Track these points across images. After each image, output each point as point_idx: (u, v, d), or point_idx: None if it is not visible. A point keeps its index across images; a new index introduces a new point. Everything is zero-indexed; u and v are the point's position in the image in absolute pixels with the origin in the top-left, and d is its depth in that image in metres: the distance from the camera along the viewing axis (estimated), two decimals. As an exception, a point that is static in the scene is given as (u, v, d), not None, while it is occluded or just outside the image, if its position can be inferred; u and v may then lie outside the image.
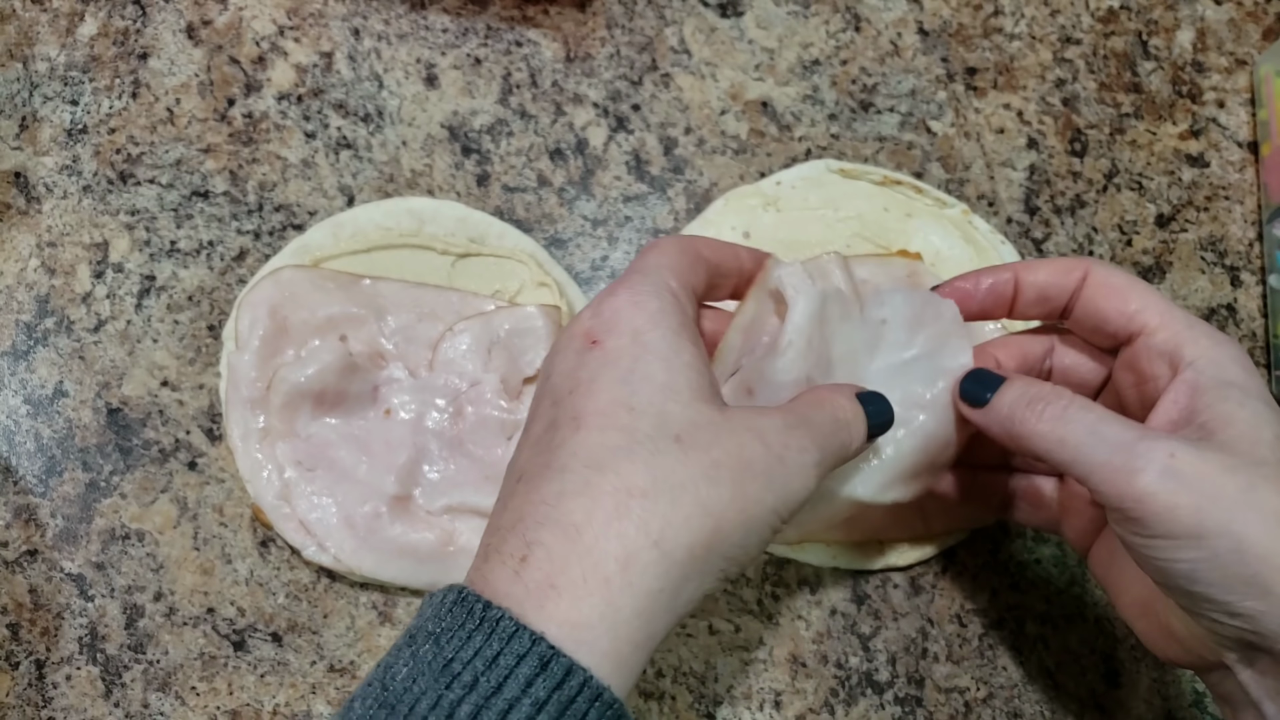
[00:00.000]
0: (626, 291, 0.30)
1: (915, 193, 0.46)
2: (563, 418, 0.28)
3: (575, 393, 0.28)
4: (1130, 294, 0.32)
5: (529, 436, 0.30)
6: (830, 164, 0.46)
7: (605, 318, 0.29)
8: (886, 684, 0.41)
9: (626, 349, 0.28)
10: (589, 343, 0.29)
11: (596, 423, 0.27)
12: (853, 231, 0.45)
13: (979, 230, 0.45)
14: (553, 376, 0.30)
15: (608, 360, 0.28)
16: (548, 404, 0.29)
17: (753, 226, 0.45)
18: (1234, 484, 0.27)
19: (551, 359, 0.31)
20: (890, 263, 0.44)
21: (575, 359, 0.29)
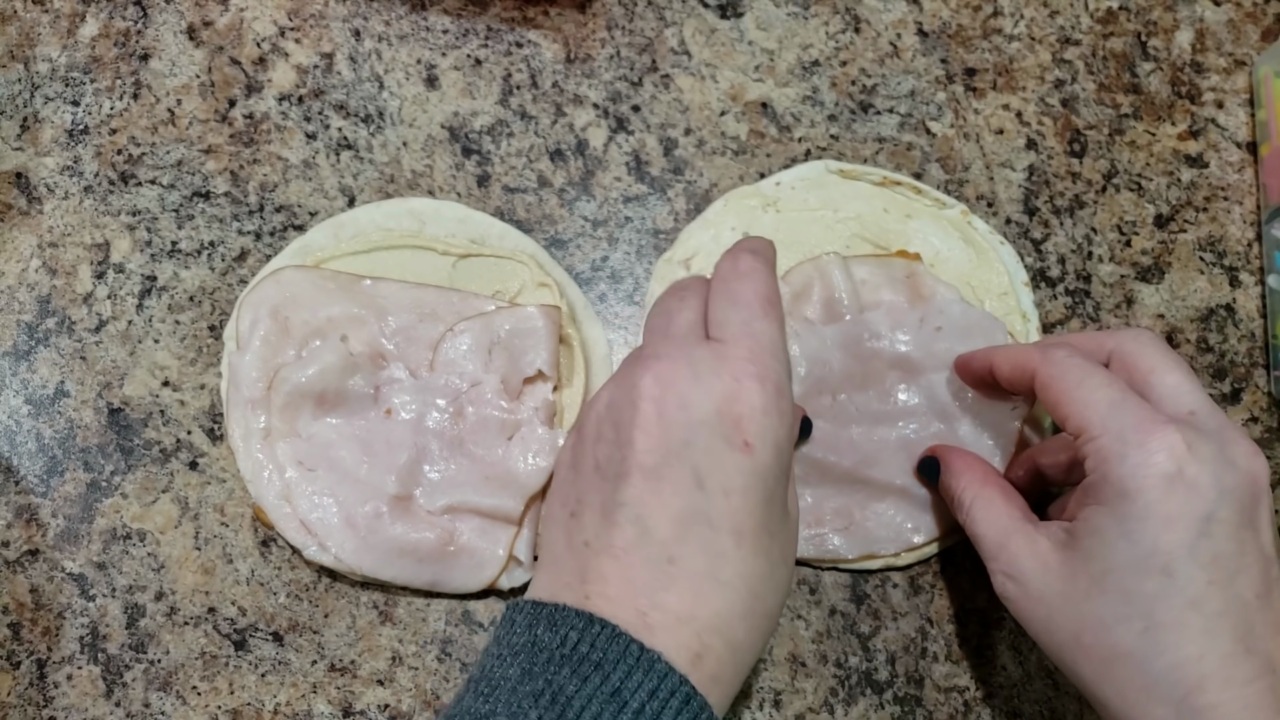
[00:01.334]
0: (772, 400, 0.31)
1: (914, 193, 0.46)
2: (719, 520, 0.30)
3: (730, 496, 0.31)
4: (1074, 397, 0.33)
5: (663, 490, 0.31)
6: (830, 165, 0.46)
7: (752, 422, 0.31)
8: (886, 683, 0.41)
9: (771, 467, 0.31)
10: (742, 443, 0.31)
11: (751, 545, 0.31)
12: (852, 232, 0.45)
13: (978, 231, 0.45)
14: (695, 448, 0.31)
15: (757, 473, 0.31)
16: (689, 476, 0.31)
17: (752, 227, 0.45)
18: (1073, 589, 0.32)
19: (690, 419, 0.31)
20: (889, 263, 0.44)
21: (726, 451, 0.31)
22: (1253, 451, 0.31)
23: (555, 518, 0.33)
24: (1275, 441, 0.45)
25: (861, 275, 0.44)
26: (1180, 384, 0.33)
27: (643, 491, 0.31)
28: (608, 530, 0.31)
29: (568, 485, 0.34)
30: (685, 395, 0.31)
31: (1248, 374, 0.45)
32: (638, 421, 0.31)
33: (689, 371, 0.31)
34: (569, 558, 0.32)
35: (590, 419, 0.33)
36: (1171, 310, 0.46)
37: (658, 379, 0.31)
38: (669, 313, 0.34)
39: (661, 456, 0.31)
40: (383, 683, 0.41)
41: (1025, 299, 0.45)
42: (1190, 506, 0.30)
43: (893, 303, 0.43)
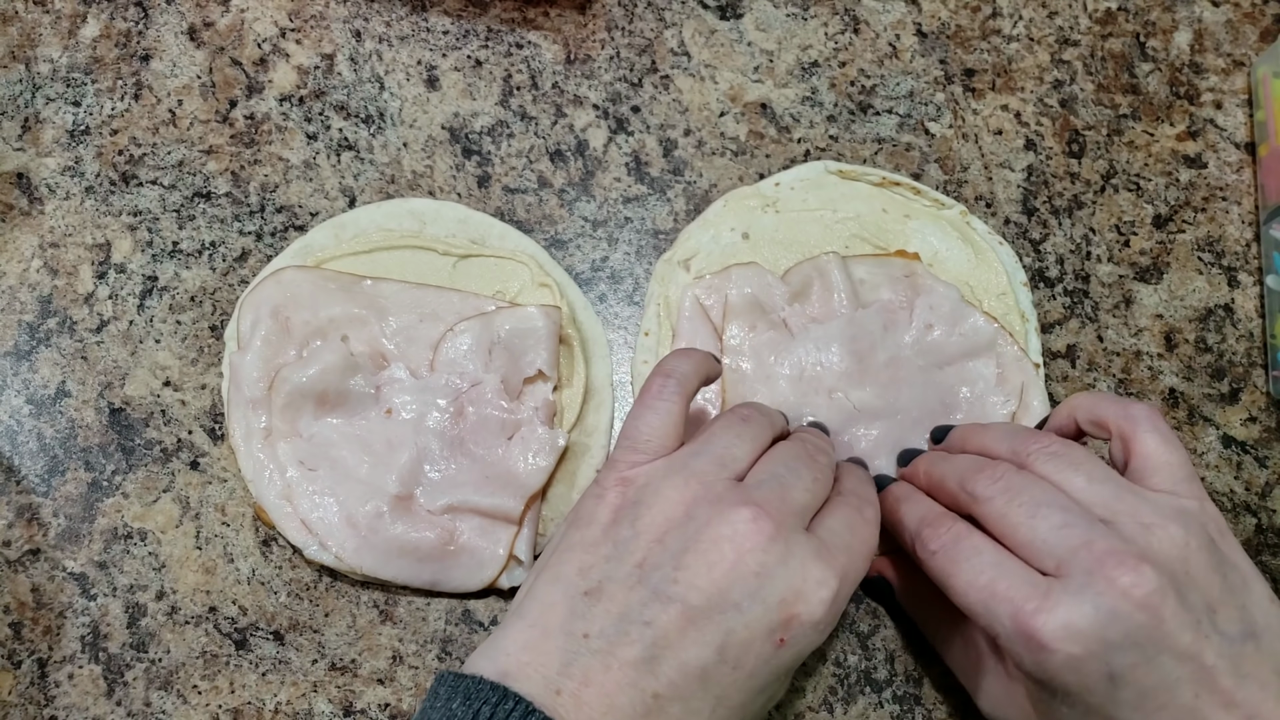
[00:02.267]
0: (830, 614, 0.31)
1: (913, 194, 0.46)
2: (714, 683, 0.30)
3: (737, 671, 0.31)
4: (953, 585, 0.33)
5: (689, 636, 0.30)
6: (829, 165, 0.46)
7: (803, 628, 0.31)
8: (885, 682, 0.42)
9: (787, 664, 0.31)
10: (779, 640, 0.31)
11: (723, 715, 0.31)
12: (851, 233, 0.46)
13: (977, 231, 0.45)
14: (740, 618, 0.30)
15: (772, 666, 0.31)
16: (718, 639, 0.30)
17: (752, 228, 0.45)
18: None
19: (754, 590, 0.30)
20: (888, 262, 0.44)
21: (762, 637, 0.30)
22: (1129, 583, 0.30)
23: (565, 581, 0.32)
24: (1275, 441, 0.45)
25: (860, 274, 0.44)
26: (1031, 539, 0.32)
27: (672, 624, 0.30)
28: (618, 638, 0.30)
29: (597, 555, 0.32)
30: (767, 565, 0.30)
31: (1246, 374, 0.45)
32: (710, 556, 0.30)
33: (783, 549, 0.31)
34: (561, 638, 0.30)
35: (660, 504, 0.32)
36: (1170, 310, 0.46)
37: (755, 529, 0.31)
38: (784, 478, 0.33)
39: (709, 602, 0.30)
40: (383, 682, 0.41)
41: (1024, 299, 0.45)
42: (1094, 675, 0.31)
43: (890, 301, 0.43)
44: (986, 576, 0.32)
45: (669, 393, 0.35)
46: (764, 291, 0.44)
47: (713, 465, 0.33)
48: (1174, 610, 0.31)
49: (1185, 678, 0.31)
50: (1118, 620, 0.30)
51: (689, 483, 0.32)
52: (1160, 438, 0.34)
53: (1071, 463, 0.34)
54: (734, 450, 0.34)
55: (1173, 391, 0.45)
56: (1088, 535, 0.31)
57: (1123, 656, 0.30)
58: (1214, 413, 0.45)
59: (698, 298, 0.44)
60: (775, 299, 0.44)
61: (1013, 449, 0.35)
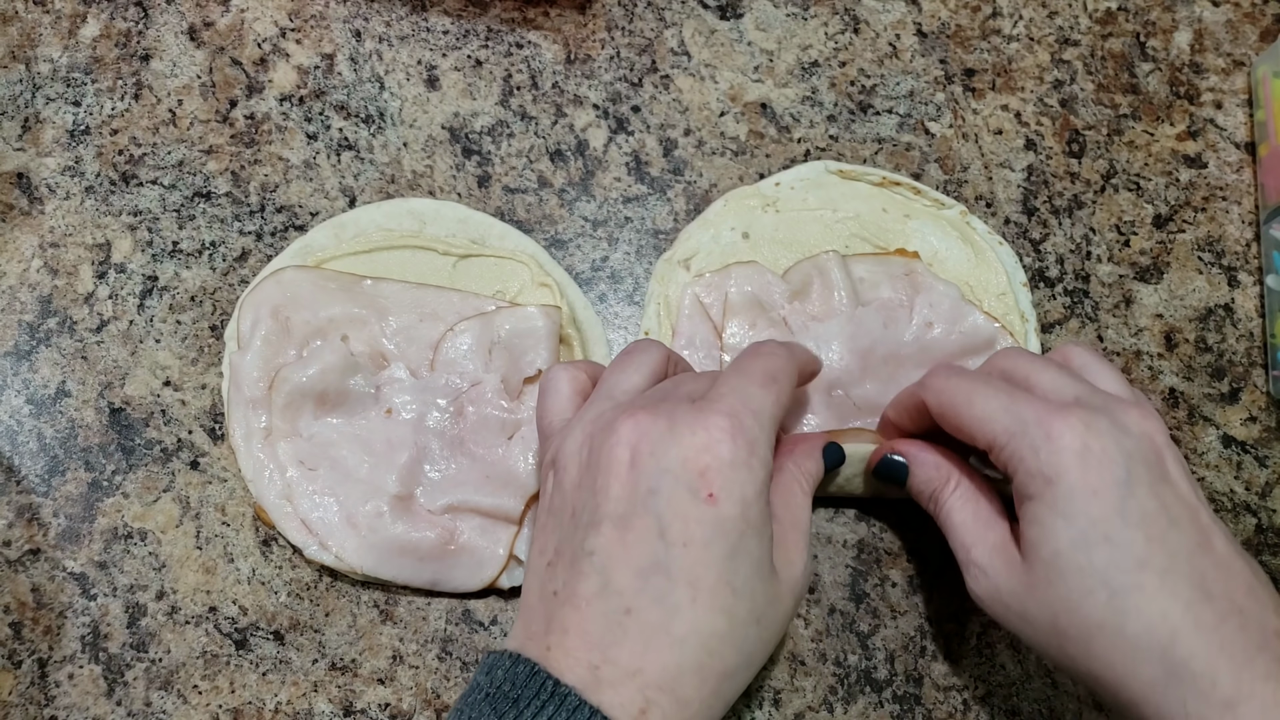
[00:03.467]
0: (740, 452, 0.31)
1: (913, 194, 0.46)
2: (677, 572, 0.30)
3: (689, 548, 0.31)
4: (970, 415, 0.34)
5: (628, 540, 0.31)
6: (829, 165, 0.46)
7: (718, 474, 0.31)
8: (885, 682, 0.42)
9: (736, 520, 0.31)
10: (706, 495, 0.31)
11: (707, 601, 0.30)
12: (851, 232, 0.46)
13: (977, 231, 0.45)
14: (659, 497, 0.31)
15: (720, 526, 0.31)
16: (652, 527, 0.31)
17: (752, 227, 0.45)
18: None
19: (658, 467, 0.31)
20: (888, 261, 0.44)
21: (689, 501, 0.31)
22: (1142, 415, 0.33)
23: (533, 565, 0.34)
24: (1275, 441, 0.45)
25: (860, 273, 0.44)
26: (1055, 379, 0.35)
27: (609, 541, 0.31)
28: (574, 579, 0.31)
29: (546, 533, 0.34)
30: (656, 444, 0.31)
31: (1246, 374, 0.45)
32: (612, 469, 0.32)
33: (666, 423, 0.32)
34: (539, 607, 0.32)
35: (570, 463, 0.33)
36: (1170, 310, 0.46)
37: (636, 426, 0.32)
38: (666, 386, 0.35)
39: (629, 505, 0.31)
40: (383, 681, 0.41)
41: (1023, 299, 0.45)
42: (1106, 475, 0.31)
43: (890, 299, 0.44)
44: (1005, 397, 0.34)
45: (555, 374, 0.37)
46: (764, 290, 0.44)
47: (603, 403, 0.34)
48: (1174, 457, 0.33)
49: (1186, 520, 0.32)
50: (1131, 436, 0.32)
51: (584, 427, 0.34)
52: (1105, 366, 0.36)
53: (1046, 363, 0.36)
54: (621, 384, 0.35)
55: (1173, 391, 0.45)
56: (1099, 391, 0.34)
57: (1135, 466, 0.31)
58: (1214, 413, 0.45)
59: (698, 295, 0.44)
60: (775, 297, 0.44)
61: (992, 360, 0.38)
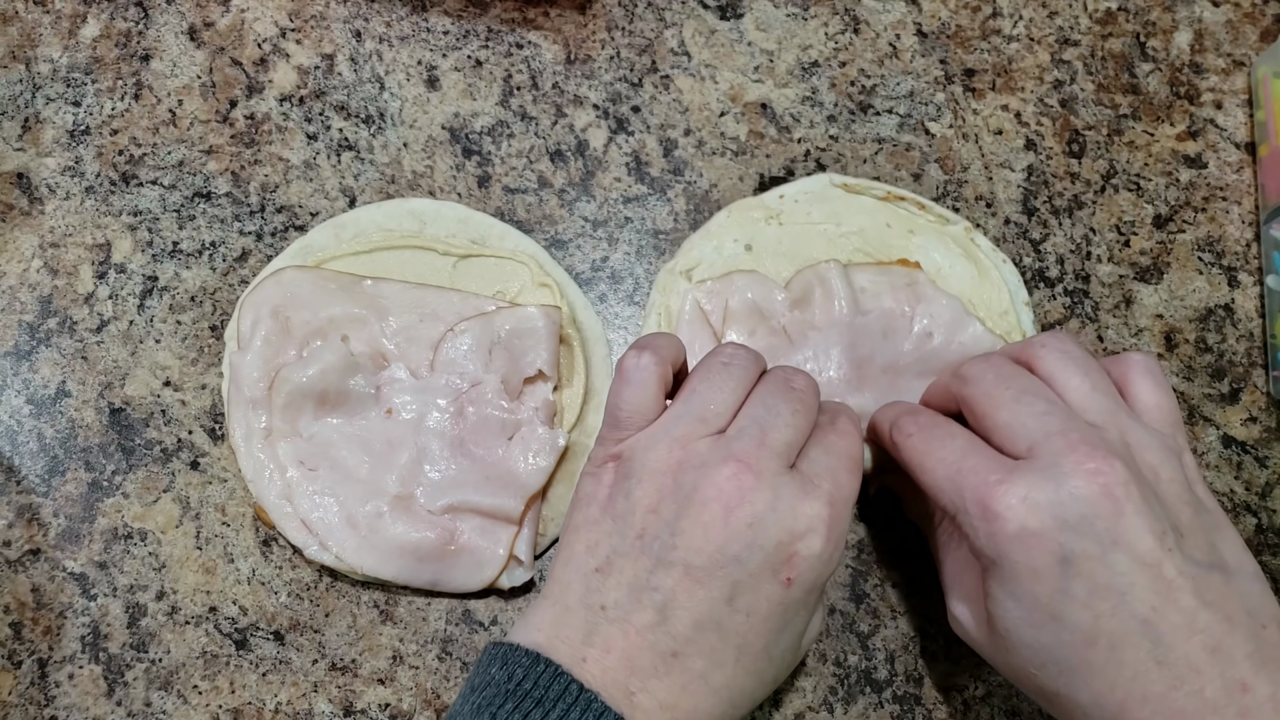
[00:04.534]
0: (830, 545, 0.32)
1: (918, 209, 0.46)
2: (731, 634, 0.32)
3: (751, 618, 0.32)
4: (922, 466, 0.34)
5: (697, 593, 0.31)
6: (833, 178, 0.46)
7: (806, 563, 0.32)
8: (885, 682, 0.42)
9: (799, 603, 0.32)
10: (785, 578, 0.32)
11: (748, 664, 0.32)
12: (854, 247, 0.45)
13: (981, 248, 0.45)
14: (744, 567, 0.31)
15: (785, 605, 0.32)
16: (726, 590, 0.31)
17: (755, 239, 0.45)
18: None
19: (752, 540, 0.31)
20: (890, 271, 0.44)
21: (769, 580, 0.32)
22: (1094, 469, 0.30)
23: (576, 561, 0.33)
24: (1275, 441, 0.45)
25: (862, 283, 0.44)
26: (1010, 420, 0.33)
27: (678, 585, 0.31)
28: (631, 607, 0.31)
29: (600, 532, 0.33)
30: (758, 515, 0.31)
31: (1246, 374, 0.45)
32: (703, 518, 0.31)
33: (770, 494, 0.31)
34: (581, 612, 0.32)
35: (649, 476, 0.33)
36: (1170, 310, 0.46)
37: (738, 485, 0.31)
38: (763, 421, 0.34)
39: (709, 560, 0.31)
40: (383, 682, 0.41)
41: (1025, 318, 0.44)
42: (1046, 557, 0.30)
43: (891, 309, 0.43)
44: (955, 456, 0.33)
45: (645, 363, 0.35)
46: (765, 298, 0.44)
47: (694, 424, 0.33)
48: (1137, 508, 0.30)
49: (1142, 584, 0.30)
50: (1077, 501, 0.30)
51: (672, 449, 0.33)
52: (1154, 382, 0.35)
53: (1081, 367, 0.34)
54: (714, 404, 0.34)
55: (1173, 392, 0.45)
56: (1066, 425, 0.32)
57: (1077, 541, 0.30)
58: (1214, 413, 0.45)
59: (699, 301, 0.44)
60: (776, 306, 0.44)
61: (1027, 342, 0.36)
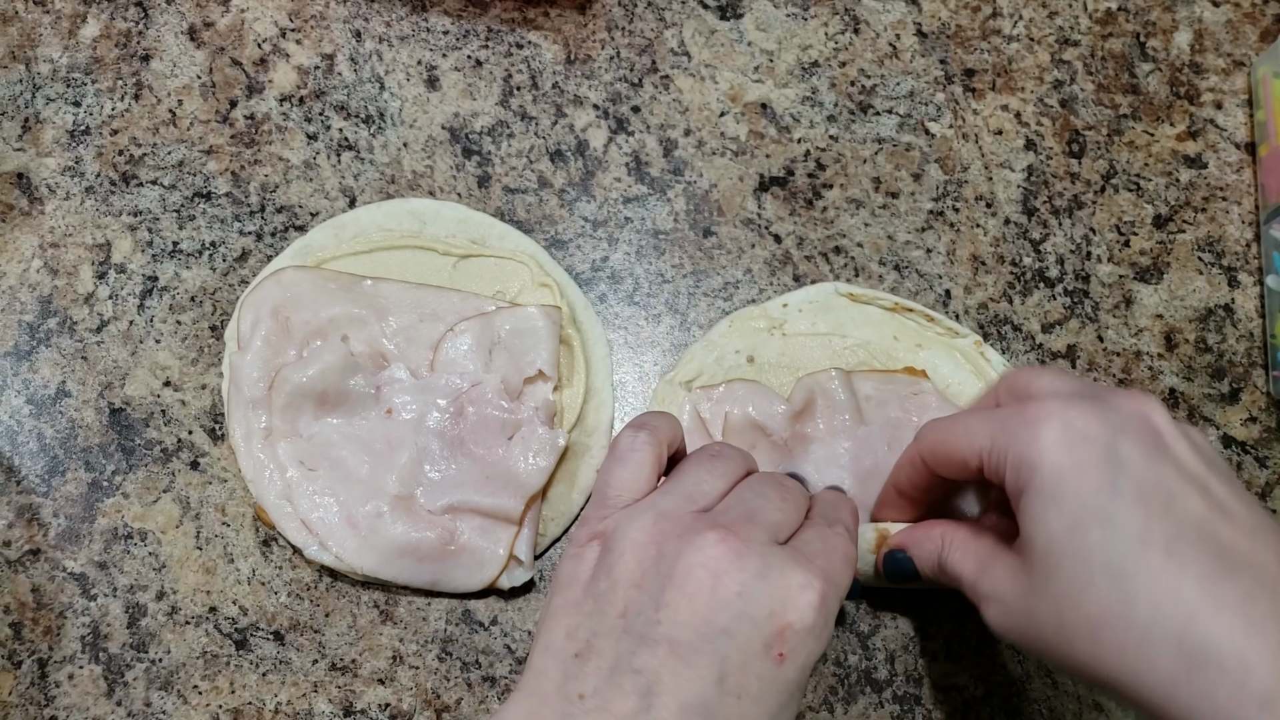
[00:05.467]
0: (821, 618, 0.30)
1: (926, 321, 0.44)
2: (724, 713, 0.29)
3: (742, 700, 0.29)
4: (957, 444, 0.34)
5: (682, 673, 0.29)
6: (839, 288, 0.45)
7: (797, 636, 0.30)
8: (885, 682, 0.42)
9: (793, 684, 0.30)
10: (777, 654, 0.29)
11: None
12: (859, 360, 0.44)
13: (991, 363, 0.44)
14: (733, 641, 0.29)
15: (778, 687, 0.30)
16: (714, 668, 0.29)
17: (757, 350, 0.44)
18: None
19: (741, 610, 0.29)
20: (895, 379, 0.43)
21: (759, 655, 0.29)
22: (1132, 396, 0.31)
23: (555, 648, 0.31)
24: (1275, 441, 0.45)
25: (866, 391, 0.42)
26: (1053, 380, 0.33)
27: (663, 667, 0.29)
28: (611, 692, 0.29)
29: (579, 615, 0.31)
30: (746, 583, 0.29)
31: (1246, 374, 0.45)
32: (688, 589, 0.29)
33: (759, 563, 0.30)
34: (557, 702, 0.29)
35: (630, 557, 0.31)
36: (1170, 310, 0.46)
37: (726, 553, 0.30)
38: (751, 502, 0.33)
39: (696, 636, 0.29)
40: (383, 682, 0.41)
41: None
42: (1092, 451, 0.29)
43: (896, 419, 0.42)
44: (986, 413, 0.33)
45: (640, 443, 0.34)
46: (765, 412, 0.42)
47: (680, 501, 0.32)
48: (1177, 437, 0.30)
49: (1193, 494, 0.29)
50: (1117, 414, 0.30)
51: (657, 522, 0.31)
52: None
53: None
54: (703, 486, 0.33)
55: (1173, 391, 0.45)
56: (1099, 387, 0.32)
57: (1124, 442, 0.29)
58: (1214, 413, 0.45)
59: (697, 409, 0.42)
60: (777, 420, 0.42)
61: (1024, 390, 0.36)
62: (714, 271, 0.46)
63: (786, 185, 0.47)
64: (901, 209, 0.47)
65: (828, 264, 0.46)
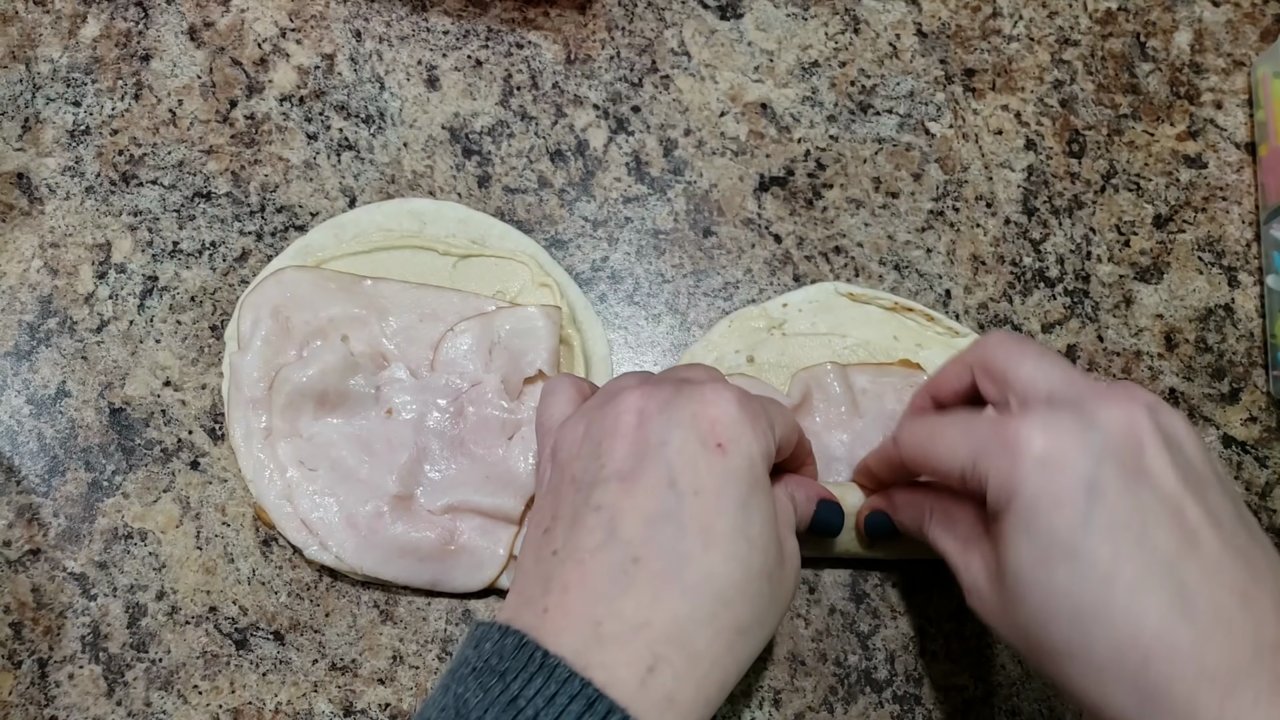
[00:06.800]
0: (746, 415, 0.32)
1: (926, 321, 0.45)
2: (689, 520, 0.30)
3: (701, 495, 0.30)
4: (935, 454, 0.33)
5: (635, 491, 0.30)
6: (839, 287, 0.45)
7: (727, 427, 0.31)
8: (885, 682, 0.42)
9: (745, 472, 0.31)
10: (714, 445, 0.31)
11: (722, 549, 0.30)
12: (859, 359, 0.44)
13: None
14: (669, 447, 0.31)
15: (730, 475, 0.31)
16: (662, 476, 0.30)
17: (757, 350, 0.44)
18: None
19: (667, 421, 0.31)
20: (890, 372, 0.43)
21: (699, 451, 0.31)
22: (1116, 402, 0.30)
23: (530, 539, 0.33)
24: (1275, 441, 0.45)
25: (862, 384, 0.43)
26: (1033, 371, 0.32)
27: (616, 494, 0.31)
28: (576, 534, 0.30)
29: (543, 509, 0.33)
30: (667, 403, 0.32)
31: (1246, 374, 0.45)
32: (619, 430, 0.32)
33: (672, 388, 0.32)
34: (535, 570, 0.31)
35: (567, 441, 0.34)
36: (1170, 310, 0.46)
37: (643, 394, 0.32)
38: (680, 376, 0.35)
39: (636, 459, 0.31)
40: (384, 681, 0.41)
41: None
42: (1069, 482, 0.29)
43: (892, 410, 0.42)
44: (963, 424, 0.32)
45: (559, 381, 0.37)
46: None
47: (601, 398, 0.34)
48: (1159, 450, 0.29)
49: (1167, 524, 0.28)
50: (1102, 432, 0.29)
51: (580, 414, 0.34)
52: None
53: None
54: (622, 384, 0.35)
55: (1173, 391, 0.45)
56: (1087, 379, 0.31)
57: (1103, 468, 0.29)
58: (1214, 413, 0.45)
59: None
60: None
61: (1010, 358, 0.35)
62: (714, 271, 0.46)
63: (786, 185, 0.47)
64: (901, 209, 0.47)
65: (828, 264, 0.46)
